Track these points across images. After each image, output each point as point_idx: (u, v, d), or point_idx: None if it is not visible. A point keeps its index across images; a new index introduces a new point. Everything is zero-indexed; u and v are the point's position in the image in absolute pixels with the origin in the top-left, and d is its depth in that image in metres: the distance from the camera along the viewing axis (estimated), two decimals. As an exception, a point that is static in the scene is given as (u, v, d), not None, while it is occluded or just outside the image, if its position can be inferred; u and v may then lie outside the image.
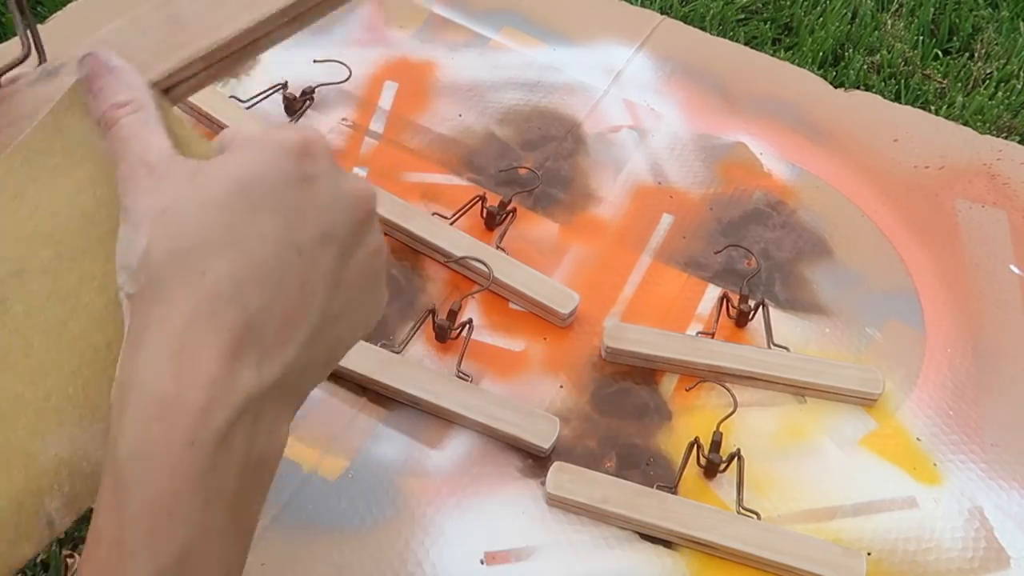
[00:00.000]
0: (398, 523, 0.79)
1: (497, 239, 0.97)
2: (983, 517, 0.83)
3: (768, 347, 0.92)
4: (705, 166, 1.08)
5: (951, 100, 1.19)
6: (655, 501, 0.80)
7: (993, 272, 1.01)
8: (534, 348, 0.91)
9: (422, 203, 1.01)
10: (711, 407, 0.88)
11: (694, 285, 0.97)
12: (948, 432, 0.89)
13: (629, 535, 0.80)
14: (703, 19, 1.26)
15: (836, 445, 0.87)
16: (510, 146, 1.08)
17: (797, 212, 1.04)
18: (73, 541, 0.76)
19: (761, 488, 0.83)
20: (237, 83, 1.09)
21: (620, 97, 1.14)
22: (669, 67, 1.18)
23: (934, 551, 0.81)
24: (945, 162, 1.10)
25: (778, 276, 0.99)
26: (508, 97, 1.13)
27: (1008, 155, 1.12)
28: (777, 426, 0.88)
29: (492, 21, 1.21)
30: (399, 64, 1.15)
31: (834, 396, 0.89)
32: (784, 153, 1.10)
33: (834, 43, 1.24)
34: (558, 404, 0.87)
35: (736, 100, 1.15)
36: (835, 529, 0.82)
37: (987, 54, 1.25)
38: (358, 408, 0.86)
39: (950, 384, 0.92)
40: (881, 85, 1.20)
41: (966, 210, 1.06)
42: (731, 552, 0.79)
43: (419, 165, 1.05)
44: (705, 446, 0.83)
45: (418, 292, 0.94)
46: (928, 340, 0.95)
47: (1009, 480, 0.86)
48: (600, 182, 1.05)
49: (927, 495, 0.84)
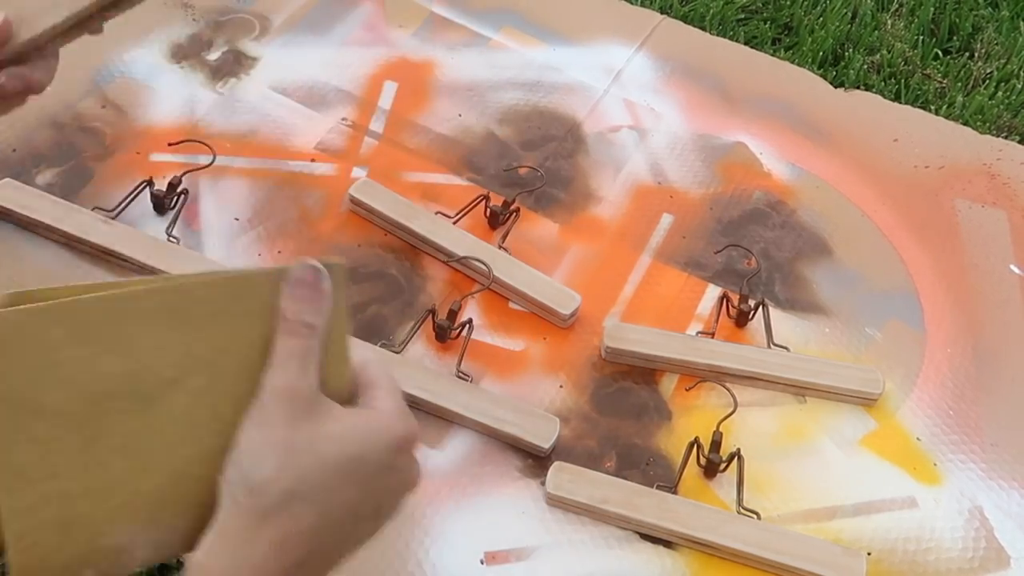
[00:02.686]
0: (398, 523, 0.78)
1: (500, 239, 0.97)
2: (983, 517, 0.83)
3: (768, 347, 0.92)
4: (705, 166, 1.08)
5: (951, 100, 1.19)
6: (655, 501, 0.80)
7: (993, 272, 1.01)
8: (534, 348, 0.91)
9: (422, 203, 1.01)
10: (711, 407, 0.88)
11: (694, 285, 0.97)
12: (948, 432, 0.89)
13: (629, 535, 0.80)
14: (703, 19, 1.26)
15: (836, 445, 0.87)
16: (510, 146, 1.08)
17: (797, 212, 1.04)
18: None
19: (761, 488, 0.83)
20: (237, 82, 1.09)
21: (620, 97, 1.14)
22: (669, 67, 1.18)
23: (934, 551, 0.81)
24: (945, 162, 1.10)
25: (778, 276, 0.99)
26: (508, 97, 1.13)
27: (1008, 155, 1.11)
28: (777, 426, 0.88)
29: (492, 21, 1.21)
30: (399, 64, 1.15)
31: (834, 396, 0.89)
32: (784, 153, 1.10)
33: (834, 43, 1.24)
34: (558, 404, 0.87)
35: (736, 100, 1.15)
36: (835, 529, 0.82)
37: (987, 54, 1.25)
38: (358, 408, 0.86)
39: (950, 384, 0.92)
40: (881, 85, 1.20)
41: (966, 210, 1.06)
42: (731, 552, 0.79)
43: (419, 165, 1.05)
44: (705, 446, 0.83)
45: (418, 292, 0.94)
46: (928, 340, 0.95)
47: (1009, 480, 0.86)
48: (600, 182, 1.05)
49: (927, 495, 0.84)
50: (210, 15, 1.16)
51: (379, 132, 1.08)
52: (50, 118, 1.04)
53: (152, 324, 0.42)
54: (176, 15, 1.15)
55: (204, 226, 0.97)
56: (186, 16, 1.16)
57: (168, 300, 0.42)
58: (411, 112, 1.10)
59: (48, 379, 0.40)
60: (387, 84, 1.13)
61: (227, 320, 0.43)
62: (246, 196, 1.00)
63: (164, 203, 0.96)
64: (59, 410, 0.41)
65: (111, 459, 0.42)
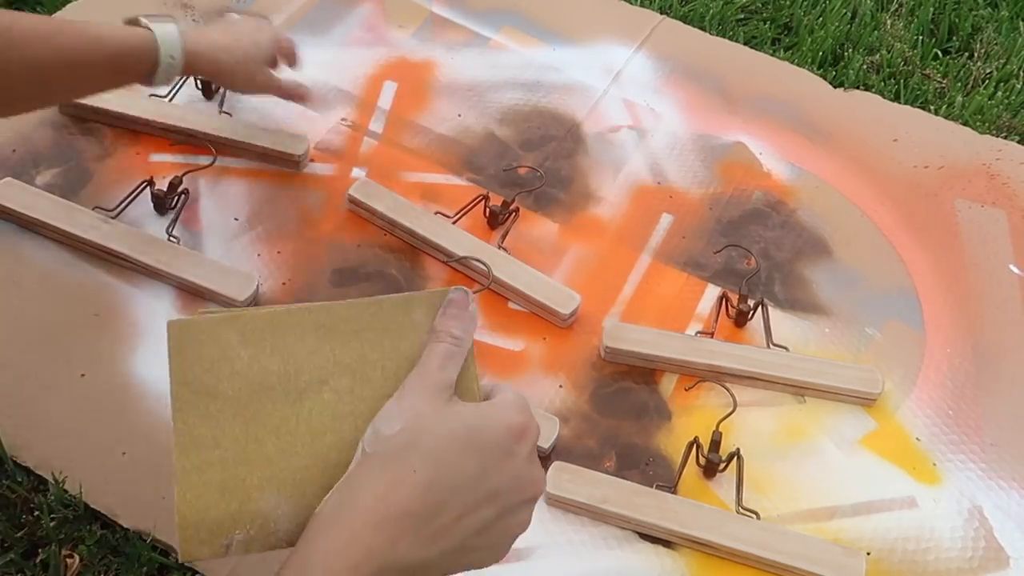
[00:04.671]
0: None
1: (499, 239, 0.97)
2: (983, 517, 0.83)
3: (768, 347, 0.92)
4: (705, 166, 1.08)
5: (951, 100, 1.19)
6: (655, 501, 0.80)
7: (993, 272, 1.01)
8: (533, 348, 0.91)
9: (422, 203, 1.01)
10: (711, 407, 0.88)
11: (694, 285, 0.97)
12: (948, 432, 0.89)
13: (629, 535, 0.80)
14: (703, 19, 1.26)
15: (836, 445, 0.87)
16: (510, 146, 1.08)
17: (797, 212, 1.04)
18: (73, 541, 0.76)
19: (761, 488, 0.83)
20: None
21: (619, 97, 1.14)
22: (668, 67, 1.18)
23: (934, 551, 0.81)
24: (945, 162, 1.10)
25: (778, 276, 0.99)
26: (508, 97, 1.13)
27: (1008, 155, 1.12)
28: (777, 426, 0.88)
29: (492, 21, 1.21)
30: (399, 64, 1.15)
31: (834, 396, 0.89)
32: (784, 153, 1.10)
33: (834, 43, 1.24)
34: (557, 404, 0.87)
35: (736, 100, 1.15)
36: (835, 529, 0.82)
37: (987, 54, 1.25)
38: (358, 408, 0.86)
39: (950, 384, 0.92)
40: (881, 85, 1.20)
41: (966, 210, 1.06)
42: (731, 552, 0.79)
43: (419, 165, 1.05)
44: (705, 446, 0.83)
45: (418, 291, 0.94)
46: (928, 340, 0.95)
47: (1009, 480, 0.86)
48: (600, 182, 1.05)
49: (927, 495, 0.84)
50: (210, 15, 1.16)
51: (379, 132, 1.08)
52: (50, 118, 1.04)
53: (306, 335, 0.52)
54: (176, 15, 1.15)
55: (204, 226, 0.97)
56: (186, 16, 1.16)
57: (319, 318, 0.52)
58: (411, 112, 1.10)
59: (223, 371, 0.51)
60: (387, 84, 1.13)
61: (371, 335, 0.53)
62: (246, 196, 1.00)
63: (165, 203, 0.96)
64: (229, 396, 0.51)
65: (265, 438, 0.51)
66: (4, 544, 0.77)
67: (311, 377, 0.52)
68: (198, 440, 0.51)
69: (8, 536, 0.77)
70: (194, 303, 0.91)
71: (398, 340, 0.53)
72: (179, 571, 0.76)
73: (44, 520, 0.77)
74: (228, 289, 0.90)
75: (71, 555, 0.76)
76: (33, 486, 0.79)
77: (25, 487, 0.79)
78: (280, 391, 0.52)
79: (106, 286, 0.91)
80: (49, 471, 0.79)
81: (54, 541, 0.76)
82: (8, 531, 0.77)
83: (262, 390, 0.51)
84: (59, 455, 0.80)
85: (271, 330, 0.52)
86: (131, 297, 0.91)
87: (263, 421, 0.51)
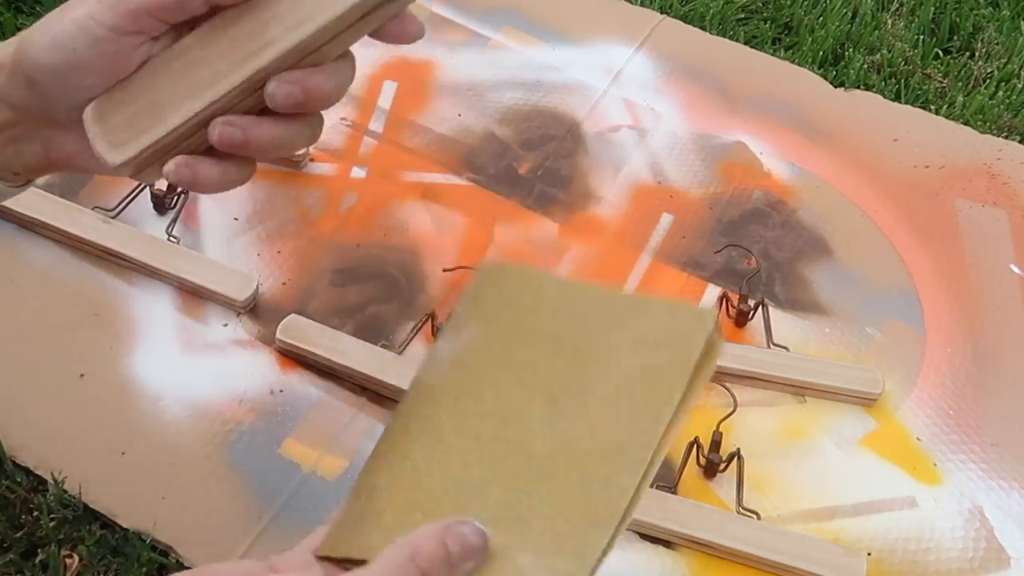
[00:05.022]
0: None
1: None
2: (983, 517, 0.83)
3: (768, 347, 0.92)
4: (705, 165, 1.08)
5: (951, 100, 1.19)
6: (655, 501, 0.80)
7: (993, 272, 1.01)
8: (534, 348, 0.91)
9: (422, 203, 1.01)
10: (711, 407, 0.87)
11: (694, 285, 0.97)
12: (948, 432, 0.88)
13: (629, 535, 0.80)
14: (703, 18, 1.26)
15: (836, 445, 0.87)
16: (509, 146, 1.08)
17: (797, 212, 1.04)
18: (72, 541, 0.76)
19: (761, 488, 0.83)
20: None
21: (620, 96, 1.14)
22: (669, 66, 1.18)
23: (934, 551, 0.81)
24: (945, 162, 1.10)
25: (778, 276, 0.99)
26: (507, 97, 1.13)
27: (1008, 155, 1.11)
28: (777, 426, 0.88)
29: (492, 20, 1.21)
30: (398, 63, 1.15)
31: (834, 396, 0.89)
32: (784, 152, 1.10)
33: (834, 42, 1.24)
34: (558, 404, 0.87)
35: (736, 99, 1.15)
36: (835, 529, 0.82)
37: (988, 53, 1.25)
38: (357, 408, 0.86)
39: (950, 384, 0.92)
40: (881, 84, 1.20)
41: (966, 210, 1.06)
42: (731, 552, 0.78)
43: (418, 165, 1.05)
44: (705, 446, 0.83)
45: (417, 291, 0.94)
46: (928, 340, 0.95)
47: (1009, 480, 0.86)
48: (600, 182, 1.05)
49: (927, 495, 0.84)
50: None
51: (378, 132, 1.08)
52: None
53: (589, 311, 0.51)
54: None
55: (204, 225, 0.97)
56: (186, 16, 1.16)
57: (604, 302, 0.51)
58: (411, 112, 1.10)
59: (526, 327, 0.52)
60: (386, 84, 1.12)
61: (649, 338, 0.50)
62: (245, 196, 1.00)
63: (164, 202, 0.96)
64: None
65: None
66: (3, 544, 0.76)
67: (576, 355, 0.51)
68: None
69: (7, 536, 0.76)
70: (194, 303, 0.91)
71: (672, 356, 0.50)
72: (179, 571, 0.76)
73: (43, 520, 0.77)
74: (228, 289, 0.90)
75: (70, 555, 0.76)
76: (32, 486, 0.79)
77: (24, 487, 0.79)
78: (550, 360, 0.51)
79: (106, 286, 0.91)
80: (48, 471, 0.79)
81: (53, 541, 0.76)
82: (7, 531, 0.77)
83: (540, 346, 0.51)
84: (58, 455, 0.80)
85: (560, 293, 0.53)
86: (131, 297, 0.91)
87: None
